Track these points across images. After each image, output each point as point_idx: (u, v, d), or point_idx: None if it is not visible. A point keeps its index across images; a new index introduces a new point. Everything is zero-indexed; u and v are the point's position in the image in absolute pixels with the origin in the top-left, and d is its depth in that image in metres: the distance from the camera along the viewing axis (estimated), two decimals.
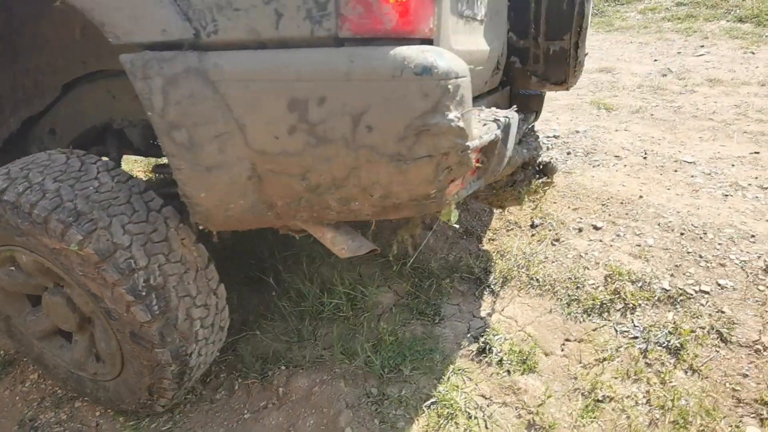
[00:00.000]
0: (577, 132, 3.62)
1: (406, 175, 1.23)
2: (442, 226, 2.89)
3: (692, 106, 3.84)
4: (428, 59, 1.13)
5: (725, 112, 3.67)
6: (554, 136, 3.61)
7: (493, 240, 2.74)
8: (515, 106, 1.76)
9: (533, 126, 2.47)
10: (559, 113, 4.08)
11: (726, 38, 5.12)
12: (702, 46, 5.06)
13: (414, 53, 1.13)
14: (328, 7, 1.14)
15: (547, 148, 3.48)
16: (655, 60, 4.96)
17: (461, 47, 1.52)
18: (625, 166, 3.10)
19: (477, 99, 2.09)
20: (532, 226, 2.73)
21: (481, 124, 1.44)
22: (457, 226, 1.46)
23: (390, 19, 1.14)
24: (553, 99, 4.37)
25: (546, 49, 2.19)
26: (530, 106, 2.77)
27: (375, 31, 1.15)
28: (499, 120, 1.54)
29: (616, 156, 3.23)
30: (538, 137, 2.45)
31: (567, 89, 2.77)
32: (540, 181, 2.42)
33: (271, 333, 2.28)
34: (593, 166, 3.16)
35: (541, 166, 2.50)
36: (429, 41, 1.28)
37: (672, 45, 5.25)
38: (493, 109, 1.70)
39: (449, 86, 1.14)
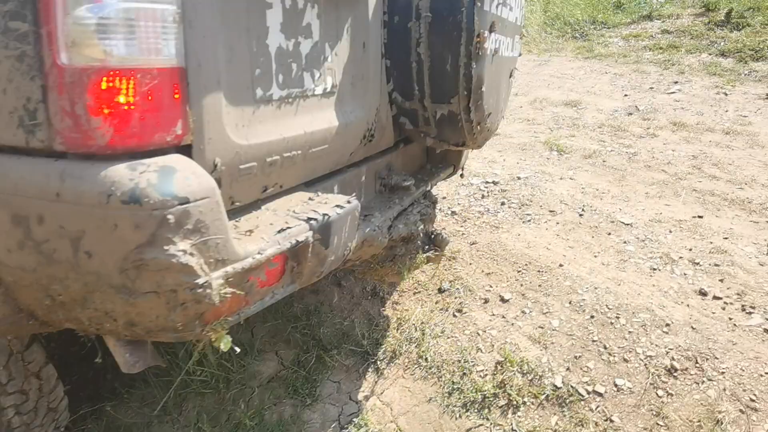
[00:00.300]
0: (519, 178, 3.39)
1: (138, 308, 1.04)
2: (351, 282, 2.70)
3: (648, 154, 3.58)
4: (140, 185, 0.93)
5: (680, 164, 3.40)
6: (493, 182, 3.37)
7: (396, 304, 2.53)
8: (354, 195, 1.55)
9: (429, 192, 2.25)
10: (508, 154, 3.84)
11: (703, 74, 4.82)
12: (676, 83, 4.77)
13: (124, 177, 0.94)
14: (38, 116, 0.96)
15: (482, 196, 3.25)
16: (625, 95, 4.68)
17: (266, 138, 1.31)
18: (558, 224, 2.87)
19: (353, 166, 1.91)
20: (440, 291, 2.52)
21: (275, 232, 1.24)
22: (238, 349, 1.26)
23: (103, 134, 0.95)
24: (507, 136, 4.13)
25: (434, 112, 1.98)
26: (448, 160, 2.57)
27: (88, 146, 0.95)
28: (314, 219, 1.34)
29: (551, 211, 2.99)
30: (431, 205, 2.23)
31: (477, 148, 2.56)
32: (426, 255, 2.20)
33: (137, 402, 2.11)
34: (524, 222, 2.92)
35: (432, 236, 2.29)
36: (186, 147, 1.09)
37: (646, 79, 4.96)
38: (326, 197, 1.50)
39: (169, 216, 0.95)
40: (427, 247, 2.17)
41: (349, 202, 1.51)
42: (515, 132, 4.20)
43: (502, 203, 3.13)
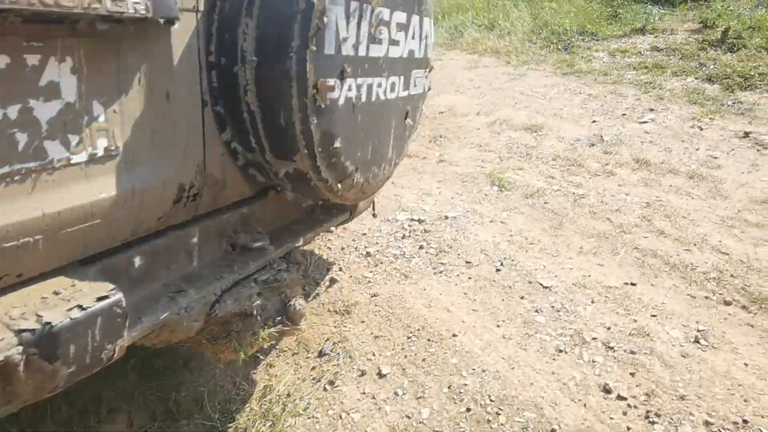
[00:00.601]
0: (446, 218, 3.05)
1: None
2: None
3: (597, 197, 3.21)
4: None
5: (629, 212, 3.03)
6: (419, 220, 3.04)
7: (271, 366, 2.24)
8: (116, 288, 1.25)
9: (292, 251, 1.93)
10: (446, 185, 3.49)
11: (683, 101, 4.39)
12: (651, 110, 4.35)
13: None
14: None
15: (403, 236, 2.93)
16: (594, 121, 4.28)
17: None
18: (470, 278, 2.54)
19: (175, 228, 1.62)
20: (320, 354, 2.22)
21: None
22: None
23: None
24: (453, 164, 3.78)
25: (278, 168, 1.67)
26: (344, 205, 2.26)
27: None
28: (28, 331, 1.05)
29: (467, 262, 2.66)
30: (291, 267, 1.91)
31: (357, 202, 2.25)
32: (268, 331, 1.89)
33: None
34: (435, 272, 2.60)
35: (286, 306, 1.98)
36: None
37: (621, 103, 4.54)
38: (80, 289, 1.21)
39: None
40: (279, 319, 1.87)
41: (104, 297, 1.22)
42: (462, 159, 3.84)
43: (421, 247, 2.80)
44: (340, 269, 2.72)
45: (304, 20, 1.39)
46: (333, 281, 2.62)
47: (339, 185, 1.76)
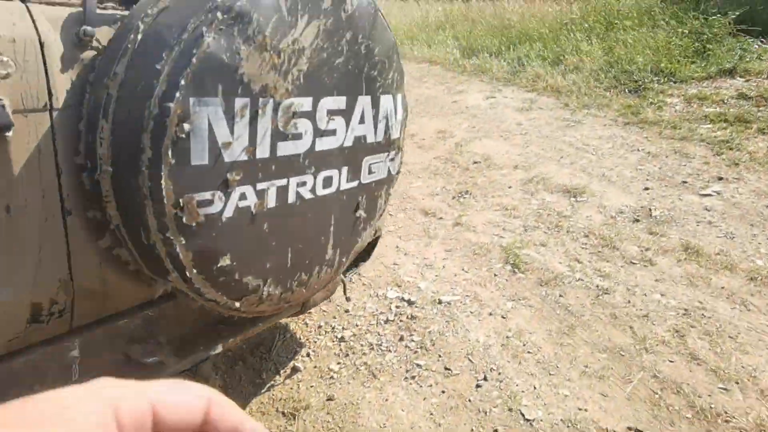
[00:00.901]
0: (440, 303, 2.69)
1: None
2: None
3: (625, 295, 2.68)
4: None
5: (660, 321, 2.49)
6: (409, 302, 2.71)
7: None
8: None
9: (196, 368, 1.71)
10: (455, 257, 3.11)
11: (764, 169, 3.65)
12: (720, 179, 3.65)
13: None
14: None
15: (386, 320, 2.61)
16: (646, 188, 3.67)
17: None
18: (443, 393, 2.17)
19: (46, 343, 1.48)
20: None
21: None
22: None
23: None
24: (470, 229, 3.38)
25: (159, 284, 1.48)
26: None
27: None
28: None
29: (446, 368, 2.29)
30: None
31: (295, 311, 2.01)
32: None
33: None
34: (406, 378, 2.26)
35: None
36: None
37: (684, 167, 3.87)
38: None
39: None
40: None
41: None
42: (482, 224, 3.44)
43: (401, 338, 2.48)
44: (308, 355, 2.47)
45: (157, 129, 1.14)
46: (295, 370, 2.38)
47: (237, 303, 1.52)
